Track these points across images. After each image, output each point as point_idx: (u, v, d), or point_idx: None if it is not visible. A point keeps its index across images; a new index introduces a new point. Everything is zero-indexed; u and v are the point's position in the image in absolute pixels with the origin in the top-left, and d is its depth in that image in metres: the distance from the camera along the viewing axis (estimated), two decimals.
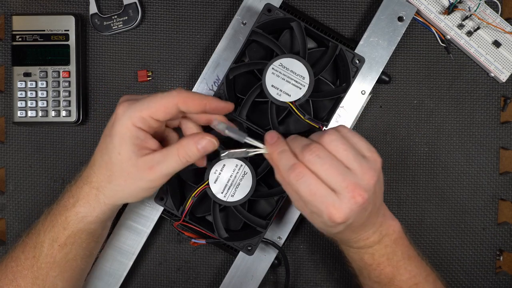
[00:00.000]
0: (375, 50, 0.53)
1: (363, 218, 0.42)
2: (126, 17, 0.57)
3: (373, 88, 0.54)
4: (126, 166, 0.43)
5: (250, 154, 0.43)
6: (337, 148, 0.40)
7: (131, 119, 0.42)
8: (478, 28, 0.55)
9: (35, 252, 0.46)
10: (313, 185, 0.39)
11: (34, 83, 0.56)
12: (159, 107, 0.42)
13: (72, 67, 0.56)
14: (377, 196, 0.42)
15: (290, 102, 0.47)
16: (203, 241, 0.50)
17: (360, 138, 0.42)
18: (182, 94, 0.43)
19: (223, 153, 0.43)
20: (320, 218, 0.40)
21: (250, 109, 0.49)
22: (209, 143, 0.43)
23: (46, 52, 0.56)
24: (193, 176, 0.51)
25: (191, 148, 0.43)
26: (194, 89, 0.54)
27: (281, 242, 0.54)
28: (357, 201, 0.39)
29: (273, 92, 0.47)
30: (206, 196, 0.48)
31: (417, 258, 0.48)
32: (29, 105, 0.56)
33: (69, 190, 0.46)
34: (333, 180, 0.39)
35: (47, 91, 0.56)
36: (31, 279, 0.46)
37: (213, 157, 0.48)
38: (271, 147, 0.43)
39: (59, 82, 0.56)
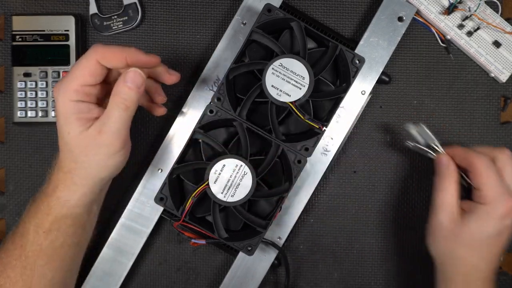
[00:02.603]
0: (375, 50, 0.53)
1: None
2: (126, 17, 0.57)
3: (373, 88, 0.54)
4: (80, 141, 0.43)
5: (430, 154, 0.51)
6: None
7: (66, 96, 0.42)
8: (478, 28, 0.55)
9: (22, 240, 0.46)
10: (496, 175, 0.47)
11: (34, 83, 0.56)
12: (83, 72, 0.43)
13: None
14: None
15: (290, 102, 0.47)
16: (203, 241, 0.50)
17: None
18: (99, 50, 0.43)
19: (412, 144, 0.51)
20: (492, 207, 0.46)
21: (250, 109, 0.49)
22: (134, 74, 0.43)
23: (46, 52, 0.56)
24: (193, 176, 0.51)
25: (122, 90, 0.43)
26: (194, 89, 0.54)
27: (281, 242, 0.54)
28: None
29: (273, 92, 0.47)
30: (206, 196, 0.48)
31: None
32: (29, 105, 0.56)
33: (48, 177, 0.47)
34: (509, 183, 0.48)
35: (47, 91, 0.56)
36: (20, 269, 0.45)
37: (213, 157, 0.48)
38: (453, 151, 0.50)
39: None
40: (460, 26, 0.56)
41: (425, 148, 0.51)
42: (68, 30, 0.56)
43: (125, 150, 0.46)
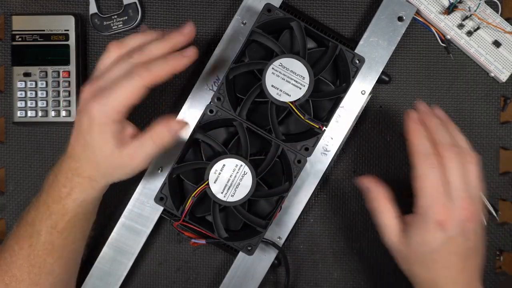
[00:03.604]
0: (375, 50, 0.53)
1: (467, 243, 0.43)
2: (126, 17, 0.57)
3: (373, 88, 0.54)
4: (111, 160, 0.45)
5: None
6: (473, 168, 0.44)
7: (110, 118, 0.43)
8: (478, 28, 0.55)
9: (31, 241, 0.46)
10: (437, 179, 0.42)
11: (34, 83, 0.56)
12: (131, 94, 0.43)
13: (72, 67, 0.56)
14: (479, 237, 0.44)
15: (290, 102, 0.47)
16: (203, 241, 0.50)
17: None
18: (146, 77, 0.43)
19: None
20: (425, 217, 0.42)
21: (250, 109, 0.49)
22: (178, 125, 0.46)
23: (46, 52, 0.56)
24: (193, 176, 0.51)
25: (164, 134, 0.45)
26: (194, 89, 0.54)
27: (281, 242, 0.54)
28: (467, 216, 0.42)
29: (273, 92, 0.47)
30: (206, 196, 0.48)
31: None
32: (29, 105, 0.56)
33: (57, 180, 0.46)
34: (456, 186, 0.42)
35: (47, 91, 0.56)
36: (27, 268, 0.46)
37: (213, 157, 0.48)
38: (415, 127, 0.45)
39: (59, 82, 0.56)
40: (460, 26, 0.56)
41: None
42: (68, 30, 0.56)
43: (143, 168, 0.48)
